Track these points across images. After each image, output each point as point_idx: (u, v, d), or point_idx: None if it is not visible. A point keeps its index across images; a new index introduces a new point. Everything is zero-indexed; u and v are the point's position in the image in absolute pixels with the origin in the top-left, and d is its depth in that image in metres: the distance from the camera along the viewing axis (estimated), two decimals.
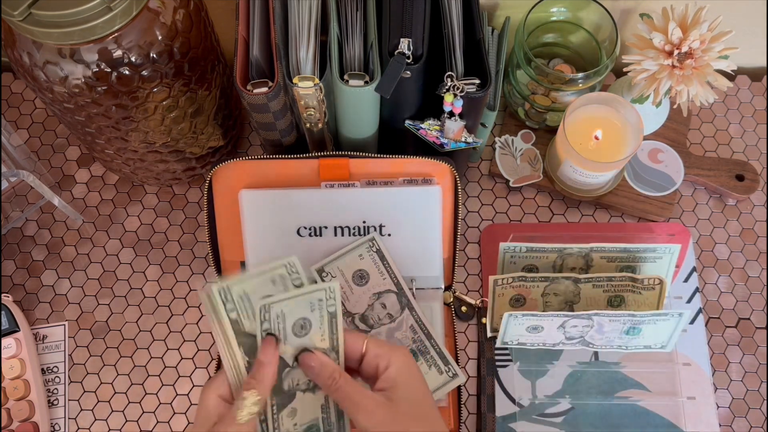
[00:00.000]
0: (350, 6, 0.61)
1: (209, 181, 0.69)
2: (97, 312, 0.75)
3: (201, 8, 0.63)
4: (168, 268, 0.77)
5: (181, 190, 0.80)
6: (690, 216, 0.78)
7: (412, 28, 0.58)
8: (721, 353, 0.73)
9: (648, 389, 0.71)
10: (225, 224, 0.70)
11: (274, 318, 0.50)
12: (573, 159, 0.70)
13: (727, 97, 0.83)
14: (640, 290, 0.69)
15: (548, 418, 0.70)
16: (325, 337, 0.52)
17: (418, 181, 0.69)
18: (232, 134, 0.76)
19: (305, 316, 0.51)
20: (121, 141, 0.67)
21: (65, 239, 0.78)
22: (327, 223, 0.69)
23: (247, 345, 0.50)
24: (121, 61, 0.57)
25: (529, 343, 0.71)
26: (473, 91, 0.60)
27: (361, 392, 0.50)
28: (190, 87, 0.64)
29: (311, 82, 0.59)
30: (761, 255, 0.77)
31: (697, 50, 0.65)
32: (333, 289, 0.51)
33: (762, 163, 0.80)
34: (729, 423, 0.71)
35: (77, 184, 0.80)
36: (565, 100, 0.73)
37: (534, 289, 0.70)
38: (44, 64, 0.56)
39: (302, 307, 0.51)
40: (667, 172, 0.77)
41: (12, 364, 0.70)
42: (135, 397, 0.73)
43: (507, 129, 0.79)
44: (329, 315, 0.52)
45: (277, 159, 0.69)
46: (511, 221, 0.78)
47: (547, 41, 0.77)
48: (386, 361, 0.51)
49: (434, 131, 0.65)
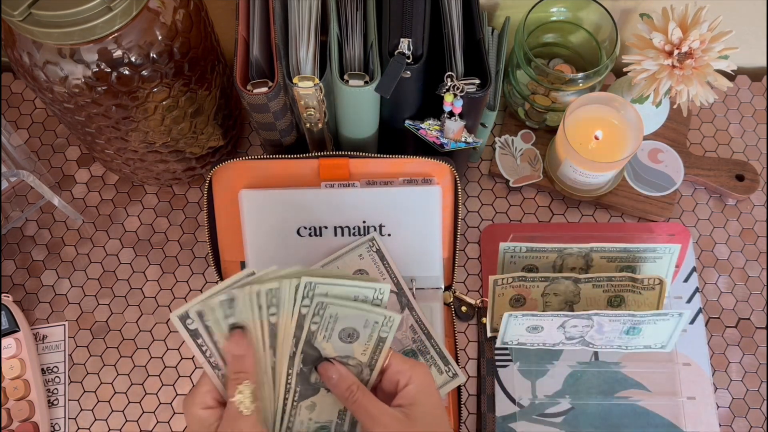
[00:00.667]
0: (350, 6, 0.61)
1: (209, 181, 0.69)
2: (97, 312, 0.75)
3: (201, 8, 0.63)
4: (168, 268, 0.77)
5: (181, 190, 0.80)
6: (690, 216, 0.78)
7: (412, 28, 0.58)
8: (721, 353, 0.73)
9: (648, 389, 0.71)
10: (225, 224, 0.70)
11: (327, 317, 0.50)
12: (573, 159, 0.70)
13: (727, 97, 0.83)
14: (640, 290, 0.69)
15: (548, 418, 0.70)
16: (366, 353, 0.52)
17: (418, 181, 0.69)
18: (232, 134, 0.76)
19: (356, 328, 0.51)
20: (121, 141, 0.67)
21: (65, 239, 0.78)
22: (327, 223, 0.69)
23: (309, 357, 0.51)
24: (121, 61, 0.57)
25: (529, 343, 0.71)
26: (473, 91, 0.60)
27: (379, 407, 0.50)
28: (190, 87, 0.64)
29: (311, 82, 0.59)
30: (761, 255, 0.77)
31: (697, 50, 0.65)
32: (392, 320, 0.52)
33: (762, 163, 0.80)
34: (729, 423, 0.71)
35: (77, 184, 0.80)
36: (565, 100, 0.73)
37: (534, 289, 0.70)
38: (44, 64, 0.56)
39: (357, 319, 0.51)
40: (667, 172, 0.77)
41: (12, 364, 0.70)
42: (135, 397, 0.73)
43: (507, 129, 0.79)
44: (378, 338, 0.52)
45: (277, 159, 0.69)
46: (511, 221, 0.78)
47: (547, 41, 0.77)
48: (407, 378, 0.51)
49: (434, 131, 0.65)
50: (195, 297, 0.48)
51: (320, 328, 0.51)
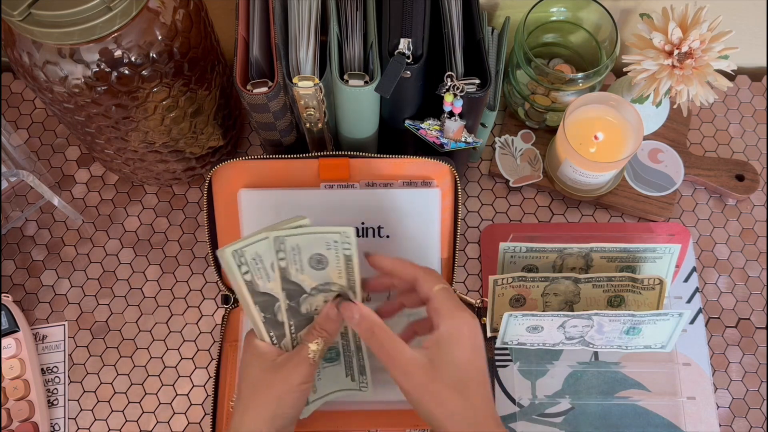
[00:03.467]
0: (350, 6, 0.61)
1: (209, 181, 0.69)
2: (97, 312, 0.75)
3: (201, 8, 0.63)
4: (168, 268, 0.77)
5: (181, 190, 0.80)
6: (690, 216, 0.78)
7: (412, 28, 0.58)
8: (721, 353, 0.73)
9: (648, 389, 0.71)
10: (225, 224, 0.70)
11: (290, 250, 0.52)
12: (573, 159, 0.70)
13: (727, 97, 0.83)
14: (640, 290, 0.69)
15: (548, 418, 0.70)
16: (342, 275, 0.54)
17: (417, 183, 0.69)
18: (232, 134, 0.76)
19: (321, 253, 0.53)
20: (121, 141, 0.67)
21: (65, 239, 0.78)
22: (326, 224, 0.69)
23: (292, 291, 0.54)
24: (121, 61, 0.57)
25: (529, 343, 0.71)
26: (473, 91, 0.60)
27: (400, 349, 0.49)
28: (190, 87, 0.64)
29: (311, 82, 0.59)
30: (761, 255, 0.77)
31: (697, 50, 0.65)
32: (348, 234, 0.53)
33: (762, 163, 0.80)
34: (729, 423, 0.71)
35: (77, 184, 0.80)
36: (565, 100, 0.73)
37: (534, 289, 0.70)
38: (44, 64, 0.56)
39: (318, 244, 0.53)
40: (667, 172, 0.77)
41: (12, 364, 0.70)
42: (135, 397, 0.73)
43: (507, 129, 0.79)
44: (345, 257, 0.54)
45: (277, 159, 0.68)
46: (511, 221, 0.78)
47: (547, 41, 0.77)
48: (441, 319, 0.49)
49: (434, 131, 0.65)
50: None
51: (288, 262, 0.53)
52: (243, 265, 0.51)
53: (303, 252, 0.53)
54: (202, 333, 0.74)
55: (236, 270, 0.51)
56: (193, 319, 0.75)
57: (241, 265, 0.51)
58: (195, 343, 0.74)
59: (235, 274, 0.51)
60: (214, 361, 0.73)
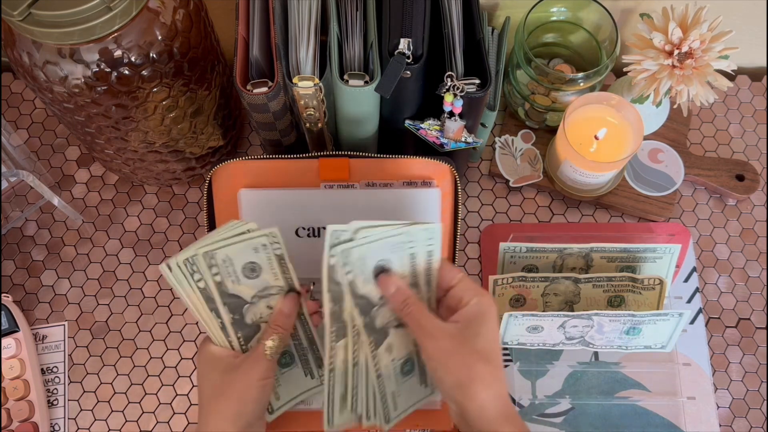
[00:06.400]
0: (350, 6, 0.61)
1: (209, 181, 0.68)
2: (96, 312, 0.75)
3: (201, 8, 0.63)
4: None
5: (180, 190, 0.80)
6: (690, 216, 0.78)
7: (412, 28, 0.58)
8: (721, 353, 0.73)
9: (648, 389, 0.71)
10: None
11: (221, 263, 0.53)
12: (573, 159, 0.70)
13: (727, 97, 0.83)
14: (640, 290, 0.69)
15: (548, 419, 0.70)
16: (278, 277, 0.55)
17: (417, 184, 0.69)
18: (232, 134, 0.76)
19: (252, 260, 0.54)
20: (121, 141, 0.67)
21: (65, 239, 0.78)
22: (325, 224, 0.69)
23: (233, 304, 0.54)
24: (121, 61, 0.57)
25: (529, 343, 0.71)
26: (473, 91, 0.60)
27: (432, 320, 0.51)
28: (189, 87, 0.64)
29: (311, 82, 0.59)
30: (761, 255, 0.77)
31: (697, 50, 0.65)
32: (275, 234, 0.54)
33: (762, 163, 0.80)
34: (729, 423, 0.71)
35: (77, 184, 0.80)
36: (565, 100, 0.73)
37: (534, 289, 0.70)
38: (44, 64, 0.56)
39: (246, 251, 0.53)
40: (667, 172, 0.77)
41: (12, 364, 0.70)
42: (135, 397, 0.73)
43: (507, 129, 0.79)
44: (277, 257, 0.55)
45: (277, 159, 0.68)
46: (511, 221, 0.78)
47: (547, 41, 0.77)
48: (470, 297, 0.52)
49: (434, 131, 0.65)
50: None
51: (223, 275, 0.53)
52: (214, 266, 0.52)
53: (235, 262, 0.53)
54: (201, 333, 0.74)
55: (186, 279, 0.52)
56: (193, 319, 0.75)
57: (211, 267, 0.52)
58: (195, 343, 0.74)
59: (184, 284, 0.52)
60: None
